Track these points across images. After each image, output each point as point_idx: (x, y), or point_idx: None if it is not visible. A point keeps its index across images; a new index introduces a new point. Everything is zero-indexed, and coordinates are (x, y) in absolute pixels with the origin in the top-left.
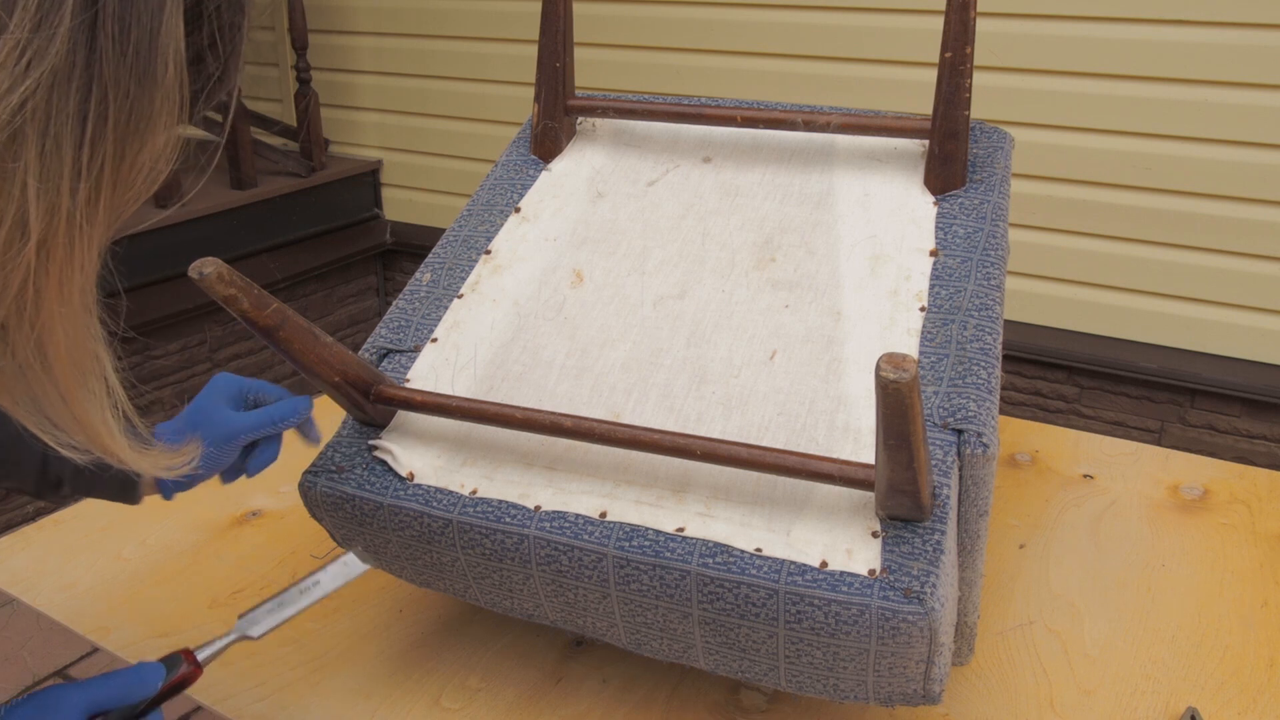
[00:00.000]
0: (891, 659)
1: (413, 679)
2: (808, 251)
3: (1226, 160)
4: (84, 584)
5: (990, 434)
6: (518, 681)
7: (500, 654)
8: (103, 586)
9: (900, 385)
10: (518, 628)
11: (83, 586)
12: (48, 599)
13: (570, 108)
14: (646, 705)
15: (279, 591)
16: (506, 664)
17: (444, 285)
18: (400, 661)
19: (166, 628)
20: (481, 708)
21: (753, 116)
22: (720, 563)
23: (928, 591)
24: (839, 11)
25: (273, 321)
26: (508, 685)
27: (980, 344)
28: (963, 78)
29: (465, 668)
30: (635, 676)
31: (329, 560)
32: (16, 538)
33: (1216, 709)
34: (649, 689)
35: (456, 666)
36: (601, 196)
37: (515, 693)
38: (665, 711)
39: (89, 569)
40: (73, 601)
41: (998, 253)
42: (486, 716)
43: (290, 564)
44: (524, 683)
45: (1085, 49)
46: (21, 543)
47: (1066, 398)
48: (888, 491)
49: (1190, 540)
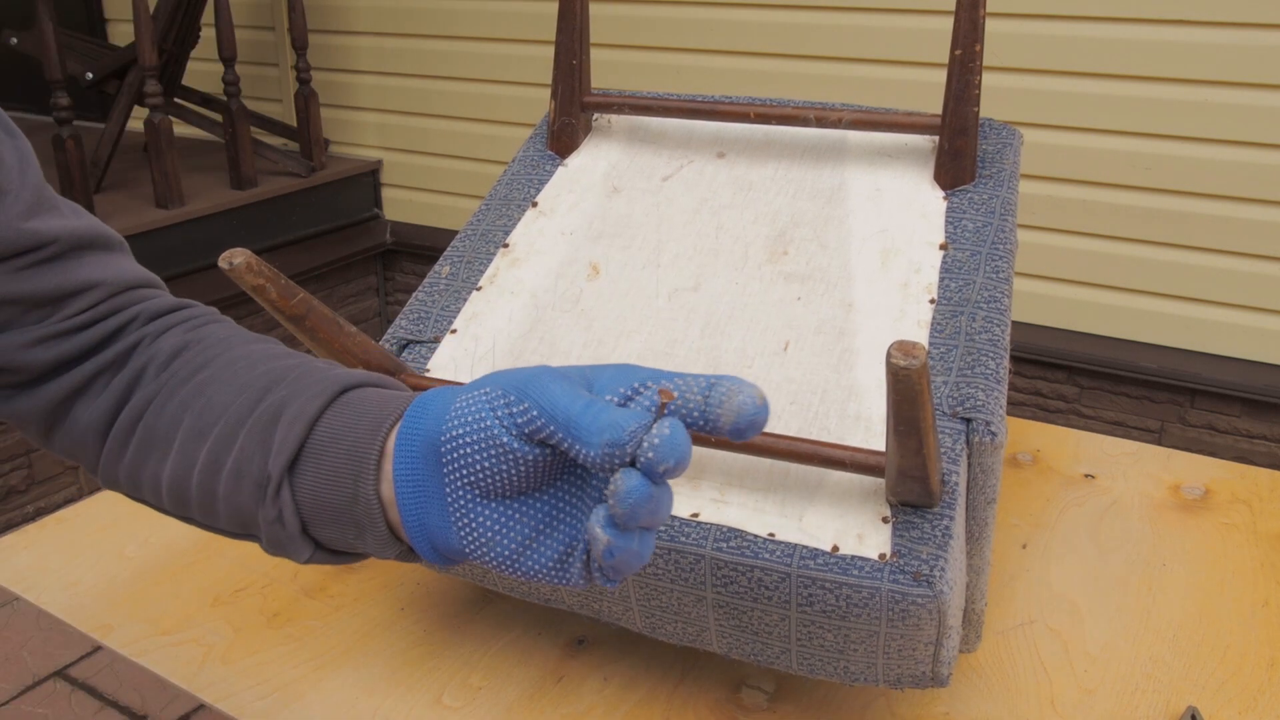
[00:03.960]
0: (901, 641)
1: (414, 677)
2: (820, 245)
3: (1226, 160)
4: (87, 582)
5: (999, 423)
6: (519, 679)
7: (502, 652)
8: (105, 584)
9: (910, 372)
10: (520, 626)
11: (85, 584)
12: (50, 597)
13: (586, 104)
14: (648, 704)
15: None
16: (508, 662)
17: (463, 278)
18: (402, 659)
19: (169, 625)
20: (483, 706)
21: (766, 113)
22: (734, 547)
23: (937, 575)
24: (847, 12)
25: (300, 310)
26: (509, 683)
27: (989, 335)
28: (972, 75)
29: (467, 665)
30: (637, 675)
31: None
32: (19, 536)
33: (1217, 708)
34: (650, 687)
35: (458, 664)
36: (617, 191)
37: (517, 691)
38: (666, 710)
39: (92, 567)
40: (75, 599)
41: (1006, 247)
42: (488, 714)
43: (291, 563)
44: (525, 681)
45: (1086, 49)
46: (24, 541)
47: (1066, 398)
48: (898, 477)
49: (1191, 540)
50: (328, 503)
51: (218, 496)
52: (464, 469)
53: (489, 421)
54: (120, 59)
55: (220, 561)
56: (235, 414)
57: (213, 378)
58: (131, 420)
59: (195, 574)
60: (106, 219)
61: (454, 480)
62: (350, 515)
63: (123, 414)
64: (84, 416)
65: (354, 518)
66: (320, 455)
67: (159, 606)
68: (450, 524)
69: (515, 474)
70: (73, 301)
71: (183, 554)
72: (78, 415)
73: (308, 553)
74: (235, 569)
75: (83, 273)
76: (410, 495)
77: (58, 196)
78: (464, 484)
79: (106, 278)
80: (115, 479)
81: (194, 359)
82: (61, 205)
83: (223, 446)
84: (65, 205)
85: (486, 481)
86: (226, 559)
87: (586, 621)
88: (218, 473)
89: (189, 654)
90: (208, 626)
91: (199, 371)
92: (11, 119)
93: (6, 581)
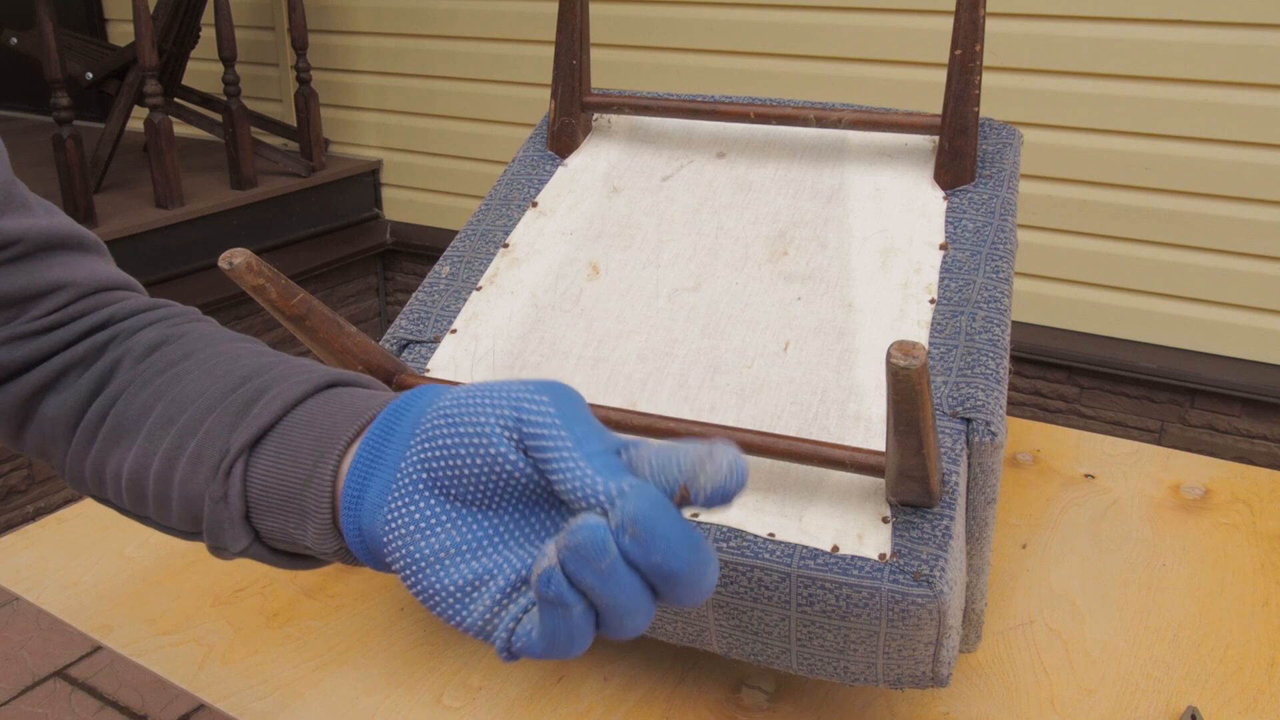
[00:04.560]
0: (901, 641)
1: (414, 677)
2: (819, 245)
3: (1226, 160)
4: (87, 582)
5: (999, 423)
6: (519, 680)
7: None
8: (106, 584)
9: (910, 372)
10: None
11: (85, 585)
12: (51, 597)
13: (586, 104)
14: (648, 703)
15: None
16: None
17: (463, 278)
18: (402, 659)
19: (169, 626)
20: (483, 706)
21: (765, 113)
22: (734, 547)
23: (937, 575)
24: (847, 12)
25: (300, 310)
26: (509, 683)
27: (989, 335)
28: (972, 74)
29: (467, 666)
30: (637, 675)
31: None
32: (19, 536)
33: (1217, 708)
34: (650, 687)
35: (458, 665)
36: (617, 191)
37: (517, 691)
38: (666, 710)
39: (92, 567)
40: (75, 599)
41: (1006, 247)
42: (488, 714)
43: None
44: (525, 681)
45: (1085, 49)
46: (24, 541)
47: (1066, 398)
48: (898, 477)
49: (1191, 540)
50: (281, 483)
51: (173, 484)
52: (431, 449)
53: (486, 413)
54: (120, 59)
55: (220, 562)
56: (208, 400)
57: (192, 368)
58: (101, 411)
59: (195, 574)
60: (106, 219)
61: (414, 459)
62: (299, 500)
63: (93, 406)
64: (53, 411)
65: (302, 503)
66: (288, 435)
67: (159, 606)
68: (385, 502)
69: (480, 475)
70: (41, 302)
71: (183, 554)
72: (46, 410)
73: (244, 542)
74: (235, 569)
75: (51, 273)
76: (362, 464)
77: (30, 194)
78: (422, 466)
79: (77, 278)
80: (81, 475)
81: (172, 352)
82: (33, 204)
83: (188, 431)
84: (38, 204)
85: (445, 472)
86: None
87: None
88: (178, 458)
89: (189, 654)
90: (208, 626)
91: (178, 363)
92: (9, 118)
93: (6, 581)
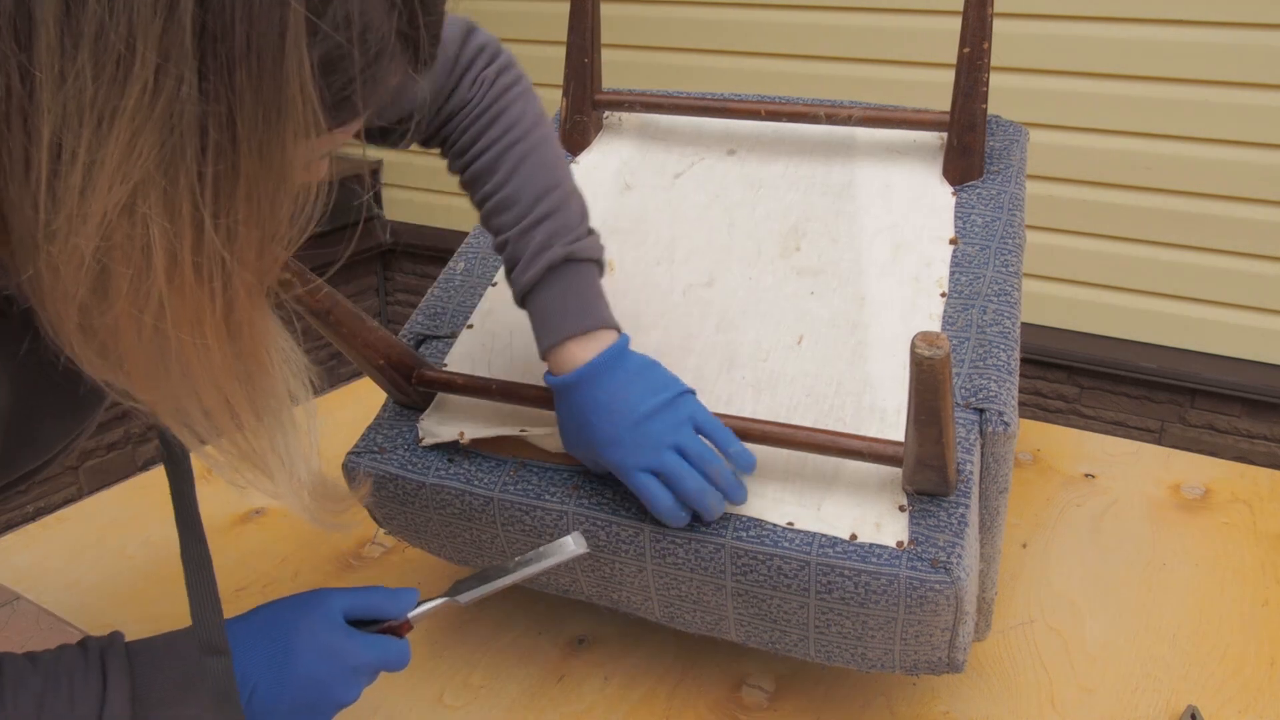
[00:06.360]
0: (918, 627)
1: (415, 676)
2: (831, 240)
3: (1226, 160)
4: (88, 581)
5: (1010, 413)
6: (520, 679)
7: (502, 652)
8: (107, 584)
9: (935, 362)
10: (520, 625)
11: (87, 584)
12: (52, 596)
13: (598, 102)
14: (648, 703)
15: (496, 565)
16: (508, 662)
17: (477, 274)
18: None
19: (170, 625)
20: (483, 705)
21: (776, 110)
22: (754, 536)
23: (954, 562)
24: (857, 12)
25: (325, 305)
26: (510, 683)
27: (1000, 328)
28: (980, 72)
29: (468, 665)
30: (637, 674)
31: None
32: (21, 535)
33: (1217, 708)
34: (650, 686)
35: (459, 664)
36: (629, 188)
37: (517, 690)
38: (667, 709)
39: (93, 567)
40: (77, 599)
41: (1015, 241)
42: (488, 714)
43: (293, 562)
44: (526, 680)
45: (1086, 49)
46: (25, 540)
47: (1066, 398)
48: (915, 466)
49: (1191, 539)
50: None
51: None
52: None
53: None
54: None
55: (221, 561)
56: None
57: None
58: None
59: None
60: None
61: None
62: None
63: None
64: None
65: None
66: None
67: (160, 606)
68: None
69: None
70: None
71: None
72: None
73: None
74: (235, 569)
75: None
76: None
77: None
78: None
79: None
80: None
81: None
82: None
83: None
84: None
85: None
86: (227, 558)
87: (587, 621)
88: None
89: None
90: None
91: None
92: None
93: (7, 581)
